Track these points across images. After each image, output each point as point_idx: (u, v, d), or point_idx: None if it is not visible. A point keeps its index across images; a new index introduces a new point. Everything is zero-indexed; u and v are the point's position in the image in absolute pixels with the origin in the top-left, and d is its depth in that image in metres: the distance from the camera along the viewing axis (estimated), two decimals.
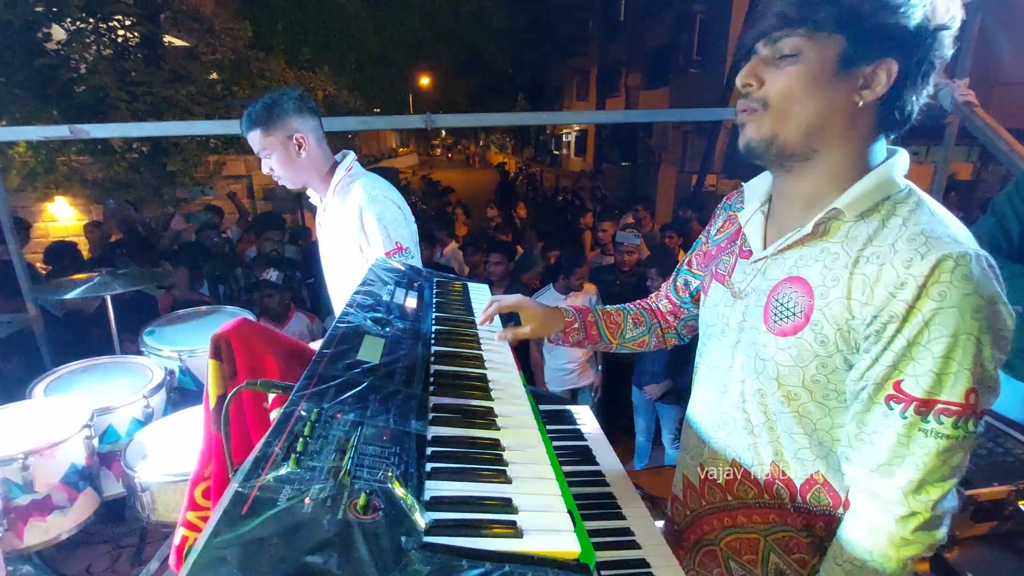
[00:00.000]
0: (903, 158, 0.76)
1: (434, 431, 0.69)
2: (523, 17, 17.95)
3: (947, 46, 0.71)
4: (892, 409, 0.70)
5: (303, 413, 0.62)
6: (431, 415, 0.72)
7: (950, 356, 0.65)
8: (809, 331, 0.75)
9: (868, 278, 0.70)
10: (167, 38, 6.88)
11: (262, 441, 0.58)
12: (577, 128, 24.87)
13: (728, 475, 0.91)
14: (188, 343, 2.51)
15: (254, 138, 1.62)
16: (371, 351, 0.85)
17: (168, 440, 1.96)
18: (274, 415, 0.82)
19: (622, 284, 3.76)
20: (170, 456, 1.87)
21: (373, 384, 0.73)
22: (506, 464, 0.65)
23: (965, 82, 2.11)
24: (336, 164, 1.73)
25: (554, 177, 19.75)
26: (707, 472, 0.94)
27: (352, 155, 1.76)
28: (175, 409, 2.25)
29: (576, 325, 1.12)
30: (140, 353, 2.52)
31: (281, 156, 1.63)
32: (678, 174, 13.68)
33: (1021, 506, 1.11)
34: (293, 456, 0.54)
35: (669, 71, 15.58)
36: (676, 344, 1.19)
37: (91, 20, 5.50)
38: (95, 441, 1.94)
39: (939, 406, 0.67)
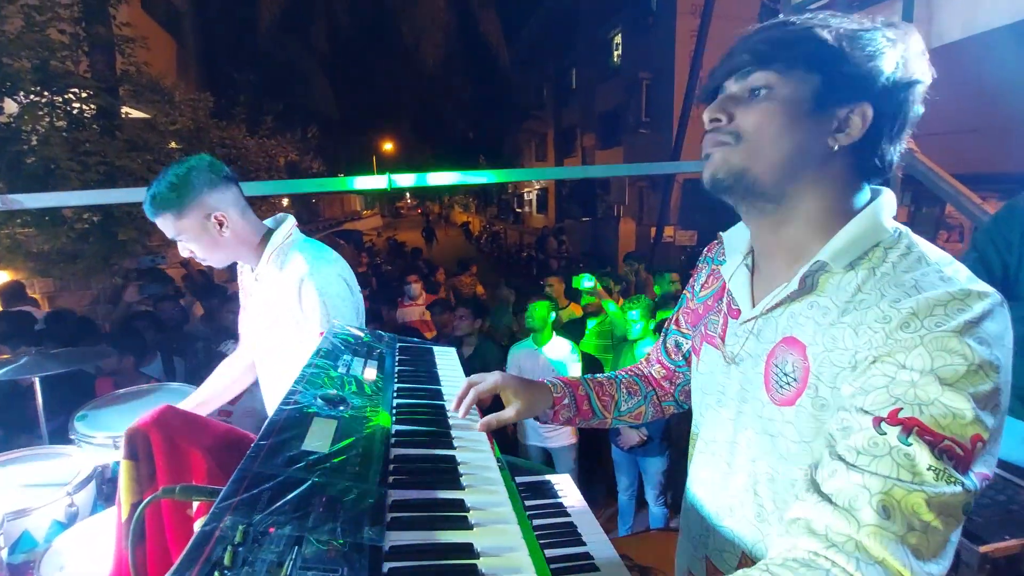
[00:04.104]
0: (888, 198, 0.71)
1: (393, 539, 0.56)
2: (481, 85, 18.87)
3: (919, 102, 0.69)
4: (884, 433, 0.55)
5: (225, 531, 0.49)
6: (389, 516, 0.60)
7: (957, 388, 0.54)
8: (806, 397, 0.66)
9: (851, 326, 0.63)
10: (125, 109, 6.77)
11: (169, 574, 0.45)
12: (538, 187, 25.69)
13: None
14: (126, 428, 2.26)
15: (165, 224, 1.39)
16: (320, 438, 0.73)
17: (92, 545, 1.70)
18: (198, 526, 0.68)
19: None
20: (93, 564, 1.62)
21: (319, 482, 0.61)
22: None
23: None
24: (269, 231, 1.53)
25: (518, 234, 20.12)
26: (715, 565, 0.82)
27: (291, 220, 1.56)
28: (107, 505, 1.99)
29: (566, 401, 1.01)
30: (70, 441, 2.25)
31: (201, 239, 1.41)
32: (637, 227, 14.17)
33: None
34: None
35: (621, 132, 16.50)
36: (675, 412, 1.09)
37: (46, 93, 5.36)
38: (4, 552, 1.67)
39: (946, 442, 0.53)
